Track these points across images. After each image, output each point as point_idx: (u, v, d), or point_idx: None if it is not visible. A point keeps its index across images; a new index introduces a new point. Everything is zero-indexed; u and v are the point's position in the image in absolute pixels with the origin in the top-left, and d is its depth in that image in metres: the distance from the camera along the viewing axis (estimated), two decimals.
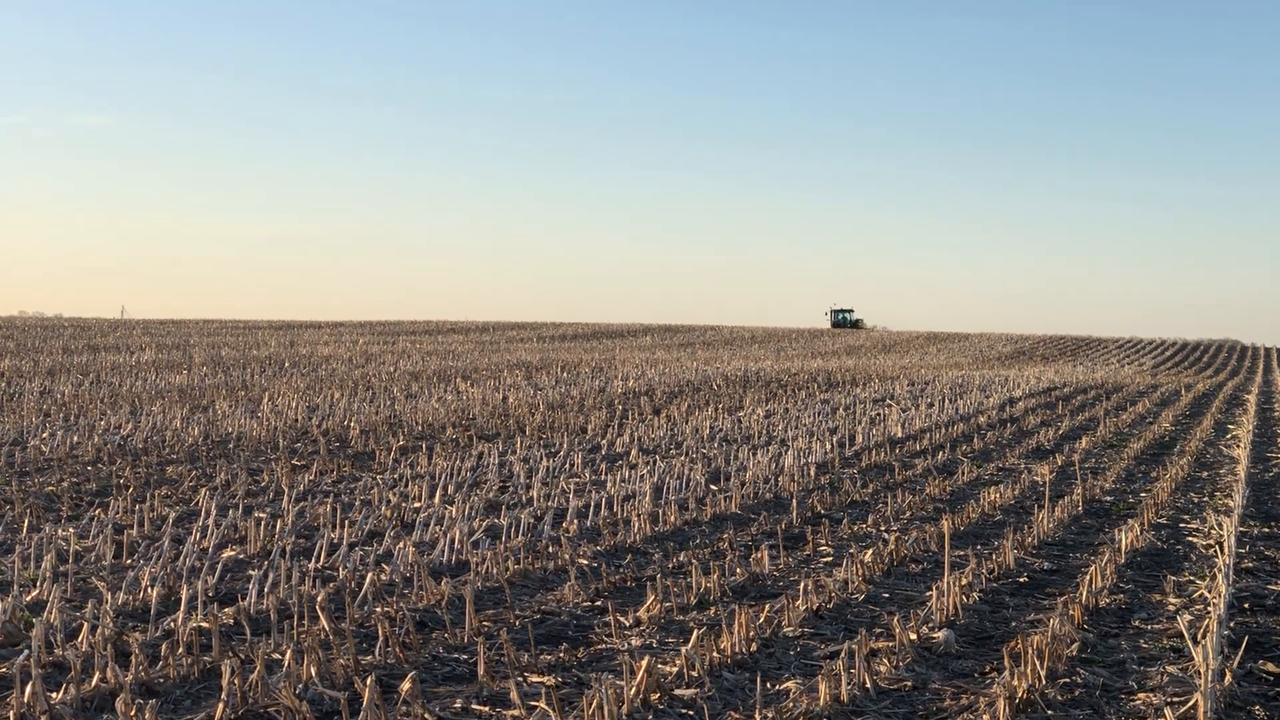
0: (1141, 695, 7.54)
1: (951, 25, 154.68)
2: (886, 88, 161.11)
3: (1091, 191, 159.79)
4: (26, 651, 7.33)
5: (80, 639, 7.83)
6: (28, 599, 9.00)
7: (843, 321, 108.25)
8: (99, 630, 7.81)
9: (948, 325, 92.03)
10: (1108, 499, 15.54)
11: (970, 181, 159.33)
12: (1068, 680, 7.70)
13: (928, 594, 9.85)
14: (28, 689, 6.59)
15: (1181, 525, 13.66)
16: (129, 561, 10.51)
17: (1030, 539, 12.28)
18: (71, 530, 11.46)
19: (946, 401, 28.65)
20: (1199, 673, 7.67)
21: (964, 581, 9.98)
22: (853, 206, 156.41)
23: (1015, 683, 7.26)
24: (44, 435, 18.25)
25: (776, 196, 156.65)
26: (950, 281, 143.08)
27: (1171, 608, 9.78)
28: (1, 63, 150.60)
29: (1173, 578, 10.83)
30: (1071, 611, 9.13)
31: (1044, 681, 7.48)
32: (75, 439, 17.85)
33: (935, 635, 8.58)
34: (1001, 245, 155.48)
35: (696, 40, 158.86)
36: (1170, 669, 8.02)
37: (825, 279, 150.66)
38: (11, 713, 6.52)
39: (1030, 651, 7.54)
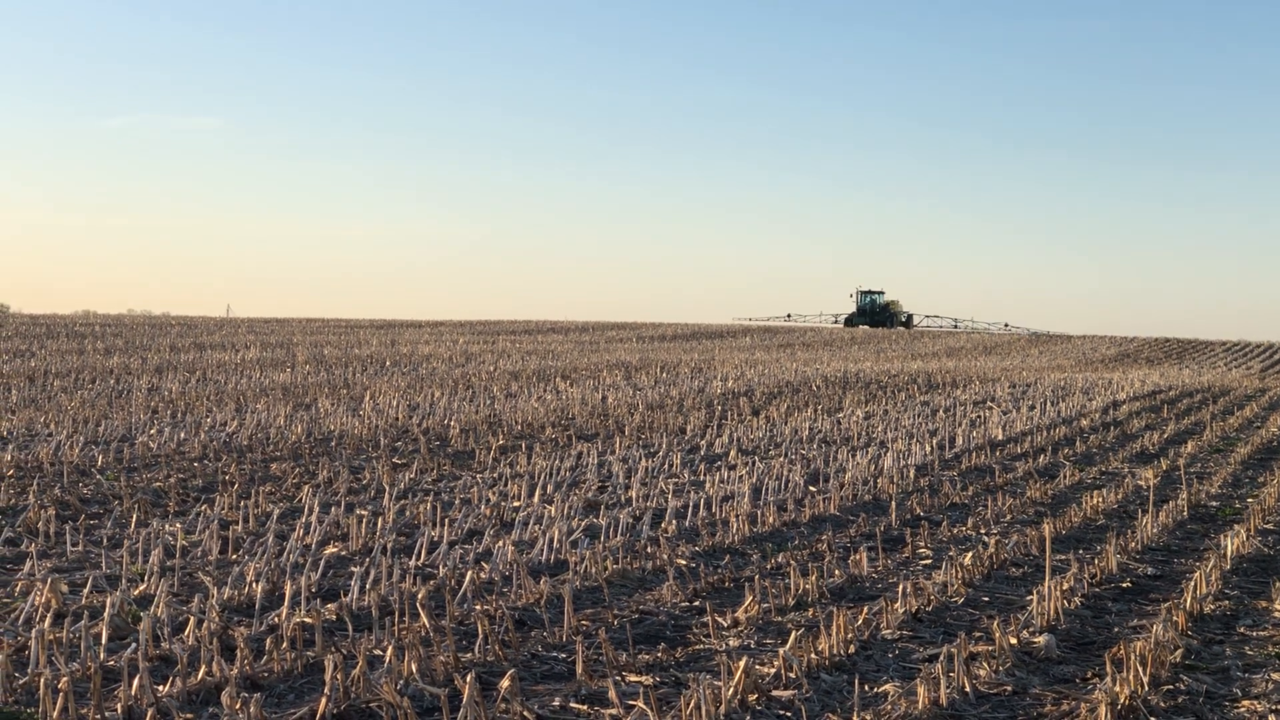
0: (1246, 702, 7.45)
1: (1045, 24, 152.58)
2: (992, 91, 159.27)
3: (1198, 193, 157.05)
4: (134, 644, 7.47)
5: (186, 633, 7.96)
6: (136, 593, 9.17)
7: (870, 307, 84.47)
8: (205, 624, 7.94)
9: (1051, 327, 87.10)
10: (1214, 504, 15.32)
11: (1077, 184, 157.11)
12: (1171, 687, 7.61)
13: (1028, 598, 9.77)
14: (135, 681, 6.72)
15: None
16: (234, 557, 10.67)
17: (1134, 544, 12.14)
18: (179, 525, 11.65)
19: (1048, 404, 28.36)
20: None
21: (1065, 586, 9.88)
22: (954, 208, 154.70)
23: (1117, 689, 7.19)
24: (152, 432, 18.57)
25: (878, 198, 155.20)
26: (1053, 283, 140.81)
27: (1278, 614, 9.64)
28: (112, 66, 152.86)
29: None
30: (1175, 617, 9.01)
31: (1146, 688, 7.40)
32: (182, 436, 18.13)
33: (1036, 640, 8.51)
34: (1107, 246, 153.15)
35: (788, 41, 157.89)
36: (1275, 676, 7.90)
37: (926, 281, 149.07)
38: (120, 705, 6.65)
39: (1133, 657, 7.46)
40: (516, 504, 13.56)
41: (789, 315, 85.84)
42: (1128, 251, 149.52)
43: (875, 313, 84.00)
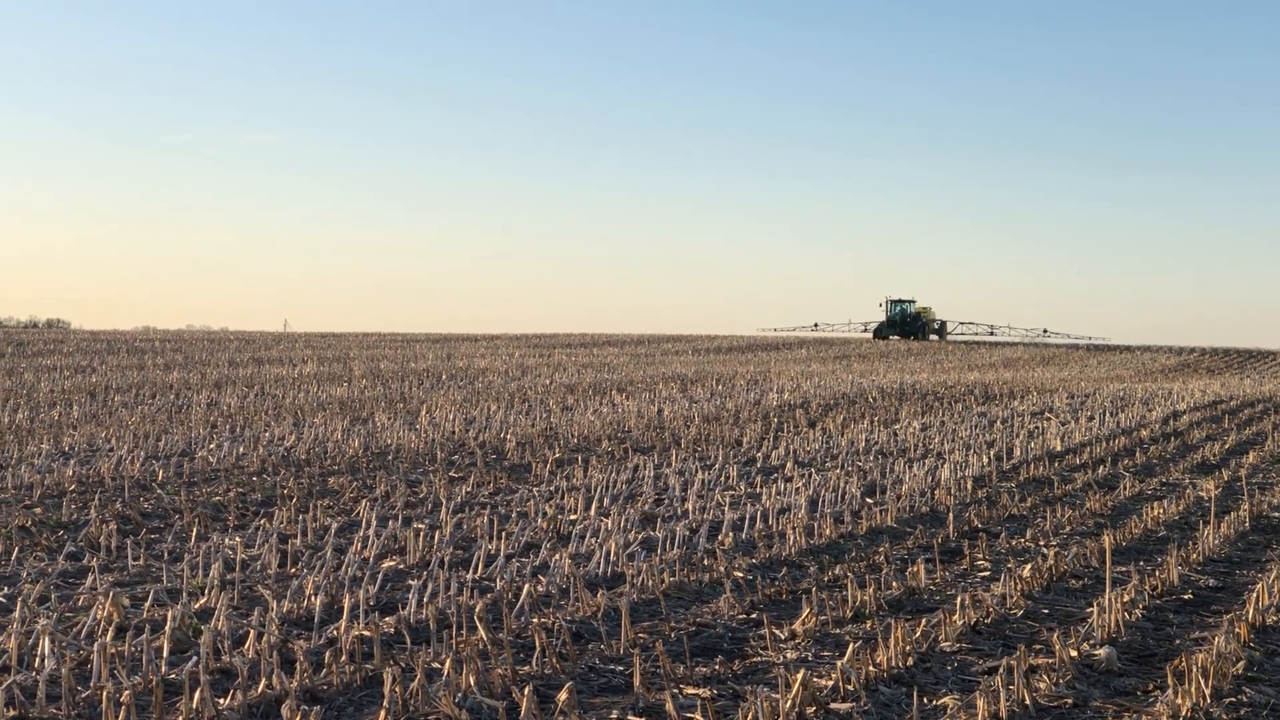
0: None
1: (1062, 34, 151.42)
2: (1018, 101, 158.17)
3: (1258, 201, 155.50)
4: (195, 658, 7.53)
5: (247, 646, 8.02)
6: (196, 606, 9.24)
7: (900, 316, 79.67)
8: (265, 637, 7.99)
9: (1090, 333, 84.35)
10: (1276, 515, 15.16)
11: (1137, 194, 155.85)
12: (1233, 699, 7.54)
13: (1088, 610, 9.70)
14: (196, 695, 6.77)
15: None
16: (293, 570, 10.74)
17: (1195, 555, 12.04)
18: (238, 539, 11.72)
19: (1107, 415, 28.16)
20: None
21: (1126, 598, 9.81)
22: (982, 215, 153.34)
23: (1179, 701, 7.13)
24: (211, 446, 18.71)
25: (903, 206, 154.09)
26: (1113, 293, 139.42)
27: None
28: (174, 83, 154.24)
29: None
30: (1238, 629, 8.93)
31: (1208, 700, 7.34)
32: (241, 450, 18.26)
33: (1097, 652, 8.45)
34: (1167, 256, 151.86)
35: (813, 54, 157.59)
36: None
37: (952, 287, 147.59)
38: (181, 717, 6.70)
39: (1195, 670, 7.40)
40: (573, 517, 13.58)
41: (815, 325, 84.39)
42: (1189, 261, 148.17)
43: (906, 322, 79.81)
